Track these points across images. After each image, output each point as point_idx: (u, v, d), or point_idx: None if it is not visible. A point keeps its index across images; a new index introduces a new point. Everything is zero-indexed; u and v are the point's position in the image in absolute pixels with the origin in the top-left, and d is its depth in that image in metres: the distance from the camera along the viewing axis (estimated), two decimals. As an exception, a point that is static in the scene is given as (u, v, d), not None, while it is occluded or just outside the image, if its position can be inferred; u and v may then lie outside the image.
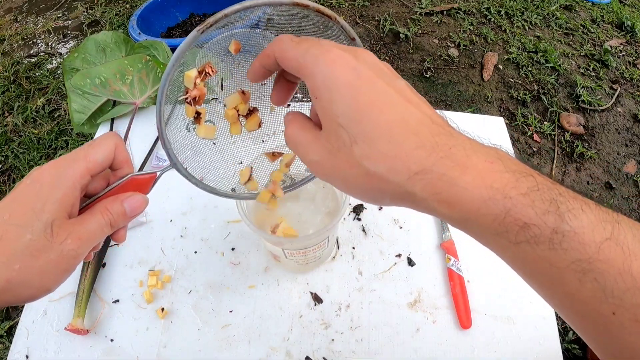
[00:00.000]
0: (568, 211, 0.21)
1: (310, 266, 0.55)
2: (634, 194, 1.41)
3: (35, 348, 0.52)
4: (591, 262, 0.21)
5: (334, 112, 0.24)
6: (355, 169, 0.24)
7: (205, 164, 0.36)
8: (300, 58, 0.25)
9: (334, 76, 0.24)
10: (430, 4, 2.09)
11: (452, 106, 1.64)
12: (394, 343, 0.51)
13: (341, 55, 0.24)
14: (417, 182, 0.23)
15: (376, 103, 0.24)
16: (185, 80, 0.32)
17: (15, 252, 0.26)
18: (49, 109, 1.66)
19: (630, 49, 1.89)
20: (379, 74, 0.25)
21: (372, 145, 0.23)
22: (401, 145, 0.23)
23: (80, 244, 0.28)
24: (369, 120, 0.23)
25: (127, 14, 2.09)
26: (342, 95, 0.24)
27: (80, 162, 0.29)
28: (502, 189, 0.22)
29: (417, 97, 0.25)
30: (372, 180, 0.24)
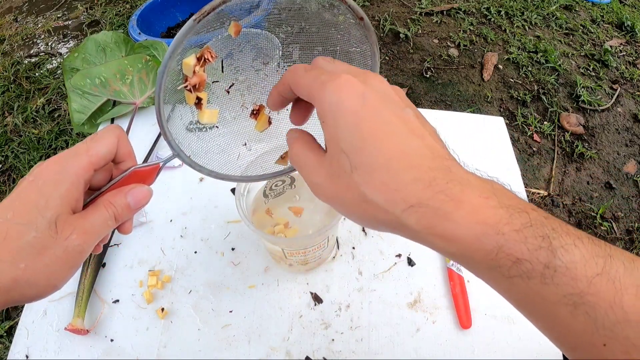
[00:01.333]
0: (560, 247, 0.22)
1: (310, 266, 0.55)
2: (634, 194, 1.41)
3: (35, 348, 0.52)
4: (582, 296, 0.21)
5: (338, 137, 0.25)
6: (354, 196, 0.25)
7: (208, 148, 0.35)
8: (310, 85, 0.26)
9: (340, 102, 0.24)
10: (430, 4, 2.09)
11: (452, 106, 1.64)
12: (394, 343, 0.51)
13: (349, 81, 0.25)
14: (412, 214, 0.23)
15: (378, 133, 0.24)
16: (184, 68, 0.31)
17: (20, 250, 0.26)
18: (49, 109, 1.66)
19: (630, 49, 1.89)
20: (386, 102, 0.25)
21: (371, 174, 0.24)
22: (399, 178, 0.24)
23: (85, 238, 0.28)
24: (369, 150, 0.24)
25: (127, 14, 2.09)
26: (346, 122, 0.24)
27: (82, 156, 0.29)
28: (495, 225, 0.22)
29: (422, 126, 0.26)
30: (369, 208, 0.25)
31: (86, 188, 0.30)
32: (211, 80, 0.35)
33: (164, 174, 0.67)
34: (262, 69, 0.37)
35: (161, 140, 0.71)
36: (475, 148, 0.70)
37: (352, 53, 0.34)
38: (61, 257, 0.27)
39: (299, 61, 0.36)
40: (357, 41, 0.33)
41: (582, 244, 0.22)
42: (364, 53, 0.34)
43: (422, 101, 1.65)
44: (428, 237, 0.24)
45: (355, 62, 0.34)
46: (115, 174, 0.32)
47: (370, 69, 0.34)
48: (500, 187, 0.25)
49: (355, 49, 0.34)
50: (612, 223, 1.34)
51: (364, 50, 0.33)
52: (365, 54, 0.34)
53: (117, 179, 0.31)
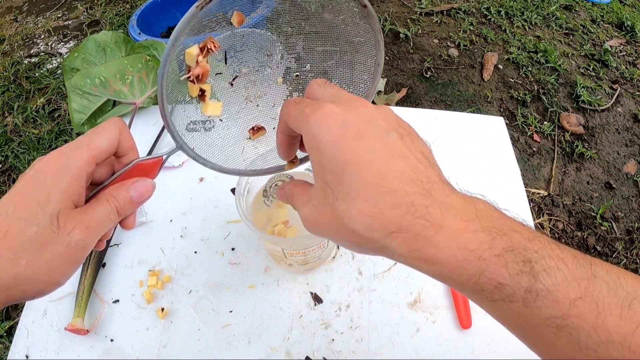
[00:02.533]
0: (542, 270, 0.22)
1: (310, 266, 0.55)
2: (634, 194, 1.41)
3: (35, 348, 0.52)
4: (565, 318, 0.22)
5: (321, 169, 0.25)
6: (338, 226, 0.25)
7: (212, 142, 0.35)
8: (297, 118, 0.26)
9: (321, 134, 0.25)
10: (430, 4, 2.08)
11: (452, 106, 1.64)
12: (394, 343, 0.51)
13: (331, 111, 0.25)
14: (393, 239, 0.24)
15: (358, 160, 0.24)
16: (187, 59, 0.31)
17: (22, 246, 0.25)
18: (49, 109, 1.66)
19: (630, 49, 1.89)
20: (368, 127, 0.25)
21: (350, 203, 0.24)
22: (377, 205, 0.23)
23: (88, 233, 0.27)
24: (347, 179, 0.24)
25: (127, 14, 2.09)
26: (326, 153, 0.24)
27: (84, 150, 0.28)
28: (475, 251, 0.23)
29: (407, 148, 0.25)
30: (352, 236, 0.25)
31: (88, 182, 0.29)
32: (214, 72, 0.34)
33: (164, 174, 0.67)
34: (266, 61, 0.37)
35: (162, 140, 0.71)
36: (475, 148, 0.70)
37: (356, 43, 0.34)
38: (63, 252, 0.26)
39: (302, 53, 0.36)
40: (362, 30, 0.33)
41: (565, 266, 0.23)
42: (368, 42, 0.33)
43: (422, 101, 1.65)
44: (413, 261, 0.24)
45: (360, 52, 0.34)
46: (117, 167, 0.31)
47: (374, 57, 0.34)
48: (483, 208, 0.24)
49: (359, 39, 0.33)
50: (612, 223, 1.34)
51: (368, 39, 0.33)
52: (369, 43, 0.33)
53: (120, 173, 0.30)
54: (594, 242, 1.29)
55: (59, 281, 0.28)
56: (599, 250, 1.28)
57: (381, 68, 0.34)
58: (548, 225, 1.33)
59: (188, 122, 0.34)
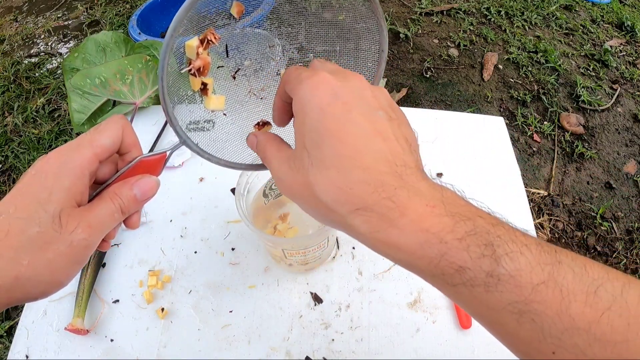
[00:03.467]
0: (505, 254, 0.22)
1: (310, 266, 0.55)
2: (634, 194, 1.41)
3: (35, 348, 0.52)
4: (527, 303, 0.21)
5: (303, 133, 0.25)
6: (309, 193, 0.25)
7: (216, 137, 0.34)
8: (292, 81, 0.27)
9: (310, 98, 0.25)
10: (430, 4, 2.08)
11: (452, 106, 1.64)
12: (394, 343, 0.51)
13: (325, 79, 0.25)
14: (357, 216, 0.23)
15: (339, 131, 0.24)
16: (187, 51, 0.30)
17: (23, 246, 0.25)
18: (49, 109, 1.66)
19: (630, 49, 1.89)
20: (358, 102, 0.25)
21: (323, 172, 0.24)
22: (347, 178, 0.23)
23: (91, 232, 0.27)
24: (326, 147, 0.24)
25: (127, 14, 2.09)
26: (311, 118, 0.24)
27: (86, 148, 0.28)
28: (438, 233, 0.22)
29: (392, 129, 0.25)
30: (320, 206, 0.25)
31: (91, 181, 0.29)
32: (216, 66, 0.34)
33: (164, 174, 0.67)
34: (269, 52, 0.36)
35: (162, 140, 0.71)
36: (475, 148, 0.70)
37: (359, 30, 0.33)
38: (66, 252, 0.26)
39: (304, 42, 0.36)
40: (364, 16, 0.32)
41: (528, 251, 0.22)
42: (371, 29, 0.33)
43: (422, 101, 1.65)
44: (373, 242, 0.24)
45: (363, 38, 0.34)
46: (120, 165, 0.31)
47: (378, 43, 0.34)
48: (450, 195, 0.24)
49: (361, 25, 0.33)
50: (612, 223, 1.34)
51: (370, 26, 0.33)
52: (372, 29, 0.33)
53: (123, 170, 0.30)
54: (594, 242, 1.30)
55: (62, 281, 0.27)
56: (599, 250, 1.28)
57: (385, 54, 0.34)
58: (548, 225, 1.33)
59: (188, 122, 0.34)
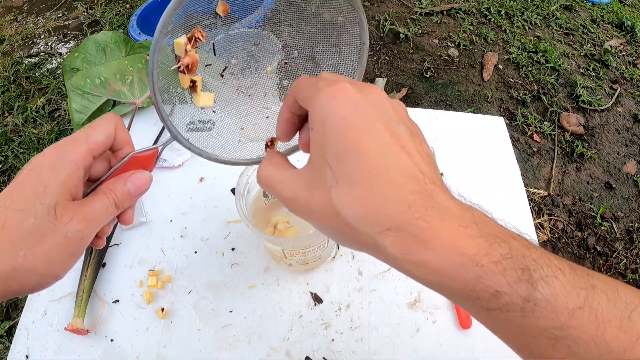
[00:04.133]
0: (541, 279, 0.21)
1: (310, 266, 0.55)
2: (634, 194, 1.41)
3: (35, 348, 0.52)
4: (564, 329, 0.21)
5: (324, 146, 0.24)
6: (329, 210, 0.24)
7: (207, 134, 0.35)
8: (307, 90, 0.25)
9: (331, 109, 0.23)
10: (430, 4, 2.09)
11: (452, 106, 1.64)
12: (394, 343, 0.51)
13: (344, 89, 0.24)
14: (388, 237, 0.22)
15: (365, 145, 0.23)
16: (176, 49, 0.31)
17: (19, 238, 0.25)
18: (49, 109, 1.66)
19: (630, 49, 1.89)
20: (379, 114, 0.24)
21: (350, 189, 0.23)
22: (379, 196, 0.22)
23: (86, 224, 0.27)
24: (353, 163, 0.23)
25: (127, 14, 2.09)
26: (333, 130, 0.23)
27: (81, 143, 0.28)
28: (473, 256, 0.22)
29: (415, 145, 0.24)
30: (343, 226, 0.24)
31: (86, 176, 0.29)
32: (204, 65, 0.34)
33: (164, 174, 0.67)
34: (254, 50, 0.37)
35: (161, 140, 0.71)
36: (475, 148, 0.70)
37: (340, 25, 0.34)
38: (61, 243, 0.26)
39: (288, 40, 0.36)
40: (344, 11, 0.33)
41: (563, 276, 0.22)
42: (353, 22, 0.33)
43: (422, 101, 1.65)
44: (404, 264, 0.23)
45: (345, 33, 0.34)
46: (114, 162, 0.32)
47: (359, 37, 0.33)
48: (481, 215, 0.24)
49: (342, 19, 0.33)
50: (612, 223, 1.34)
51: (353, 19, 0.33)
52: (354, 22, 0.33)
53: (117, 166, 0.31)
54: (594, 242, 1.30)
55: (58, 273, 0.27)
56: (599, 250, 1.28)
57: (367, 47, 0.33)
58: (548, 225, 1.33)
59: (187, 123, 0.34)
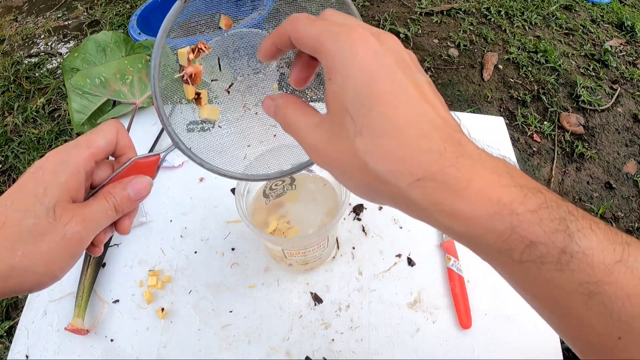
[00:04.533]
0: (577, 231, 0.20)
1: (310, 266, 0.55)
2: (634, 194, 1.41)
3: (35, 348, 0.52)
4: (599, 285, 0.20)
5: (345, 97, 0.22)
6: (355, 163, 0.23)
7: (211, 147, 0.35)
8: (318, 36, 0.23)
9: (353, 58, 0.22)
10: (430, 4, 2.09)
11: (452, 106, 1.64)
12: (394, 343, 0.51)
13: (365, 37, 0.22)
14: (418, 188, 0.21)
15: (391, 96, 0.22)
16: (180, 58, 0.31)
17: (18, 237, 0.26)
18: (49, 109, 1.66)
19: (630, 49, 1.89)
20: (400, 64, 0.23)
21: (377, 140, 0.22)
22: (408, 147, 0.21)
23: (84, 225, 0.28)
24: (379, 113, 0.22)
25: (127, 14, 2.09)
26: (356, 80, 0.22)
27: (83, 147, 0.29)
28: (509, 205, 0.21)
29: (434, 95, 0.24)
30: (369, 178, 0.23)
31: (88, 180, 0.30)
32: (210, 79, 0.34)
33: (164, 174, 0.67)
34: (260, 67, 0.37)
35: (162, 140, 0.71)
36: (475, 148, 0.70)
37: None
38: (60, 243, 0.27)
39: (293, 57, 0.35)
40: None
41: (599, 229, 0.21)
42: None
43: (422, 101, 1.65)
44: (435, 215, 0.22)
45: None
46: (116, 168, 0.32)
47: None
48: (513, 166, 0.23)
49: None
50: (612, 223, 1.34)
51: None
52: None
53: (118, 171, 0.31)
54: (594, 242, 1.29)
55: (56, 274, 0.28)
56: (599, 250, 1.28)
57: None
58: (548, 225, 1.33)
59: (188, 122, 0.34)
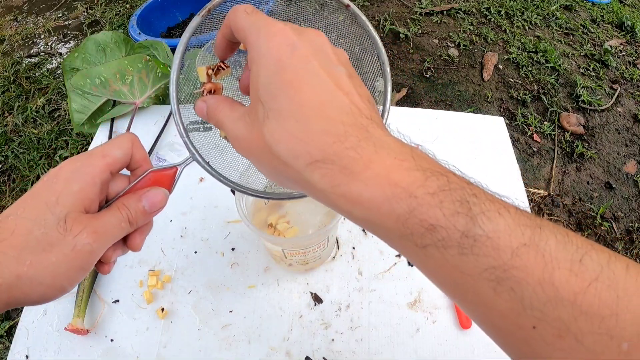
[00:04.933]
0: (482, 213, 0.20)
1: (310, 266, 0.55)
2: (634, 194, 1.41)
3: (35, 348, 0.52)
4: (506, 269, 0.19)
5: (258, 85, 0.23)
6: (262, 146, 0.23)
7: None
8: (246, 29, 0.25)
9: (268, 49, 0.23)
10: (430, 4, 2.09)
11: (452, 106, 1.64)
12: (394, 343, 0.51)
13: (283, 31, 0.23)
14: (316, 170, 0.21)
15: (298, 82, 0.22)
16: (200, 75, 0.31)
17: (27, 245, 0.25)
18: (49, 109, 1.66)
19: (630, 49, 1.89)
20: (317, 56, 0.23)
21: (280, 122, 0.22)
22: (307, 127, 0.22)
23: (95, 237, 0.27)
24: (284, 97, 0.22)
25: (127, 14, 2.09)
26: (268, 69, 0.23)
27: (98, 158, 0.28)
28: (407, 188, 0.20)
29: (353, 85, 0.24)
30: (274, 161, 0.23)
31: (103, 192, 0.29)
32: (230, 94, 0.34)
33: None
34: None
35: (161, 141, 0.71)
36: (475, 148, 0.70)
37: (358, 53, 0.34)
38: (69, 255, 0.26)
39: None
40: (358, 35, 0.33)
41: (507, 213, 0.20)
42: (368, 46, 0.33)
43: (422, 101, 1.65)
44: (334, 198, 0.22)
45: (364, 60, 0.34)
46: (131, 181, 0.31)
47: (377, 56, 0.33)
48: (421, 153, 0.22)
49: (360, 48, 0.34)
50: (612, 223, 1.34)
51: (367, 43, 0.33)
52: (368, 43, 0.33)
53: (134, 183, 0.30)
54: (594, 242, 1.29)
55: (64, 286, 0.27)
56: (599, 250, 1.28)
57: (387, 66, 0.34)
58: (548, 225, 1.33)
59: (188, 122, 0.34)
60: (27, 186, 1.43)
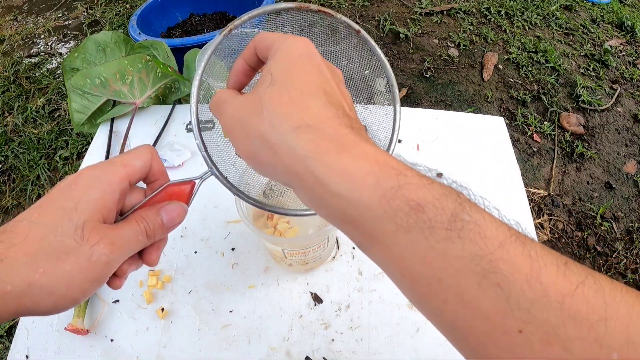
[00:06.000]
0: (467, 201, 0.20)
1: (310, 266, 0.55)
2: (634, 194, 1.41)
3: (35, 348, 0.52)
4: (492, 260, 0.18)
5: (275, 63, 0.25)
6: (254, 108, 0.24)
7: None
8: (275, 39, 0.27)
9: (293, 43, 0.26)
10: (430, 4, 2.09)
11: (452, 106, 1.64)
12: (394, 343, 0.51)
13: (307, 41, 0.27)
14: (302, 134, 0.22)
15: (308, 72, 0.25)
16: None
17: (40, 252, 0.24)
18: (49, 109, 1.66)
19: (630, 49, 1.89)
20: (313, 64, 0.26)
21: (283, 89, 0.24)
22: (309, 98, 0.23)
23: (112, 249, 0.25)
24: (293, 75, 0.24)
25: (127, 14, 2.09)
26: (290, 55, 0.25)
27: (118, 166, 0.28)
28: (397, 167, 0.20)
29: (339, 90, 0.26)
30: (259, 125, 0.24)
31: (121, 201, 0.28)
32: None
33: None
34: None
35: (161, 141, 0.71)
36: (475, 148, 0.70)
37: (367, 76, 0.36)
38: (84, 265, 0.24)
39: None
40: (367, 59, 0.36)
41: (489, 216, 0.20)
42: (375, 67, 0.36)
43: (422, 101, 1.65)
44: (311, 165, 0.21)
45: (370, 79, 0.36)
46: (148, 193, 0.31)
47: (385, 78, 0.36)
48: None
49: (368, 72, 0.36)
50: (612, 223, 1.34)
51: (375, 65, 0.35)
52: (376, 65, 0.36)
53: (151, 195, 0.30)
54: (594, 242, 1.29)
55: (76, 297, 0.25)
56: (599, 250, 1.28)
57: (396, 88, 0.36)
58: (548, 225, 1.33)
59: (187, 123, 0.34)
60: (27, 186, 1.43)
